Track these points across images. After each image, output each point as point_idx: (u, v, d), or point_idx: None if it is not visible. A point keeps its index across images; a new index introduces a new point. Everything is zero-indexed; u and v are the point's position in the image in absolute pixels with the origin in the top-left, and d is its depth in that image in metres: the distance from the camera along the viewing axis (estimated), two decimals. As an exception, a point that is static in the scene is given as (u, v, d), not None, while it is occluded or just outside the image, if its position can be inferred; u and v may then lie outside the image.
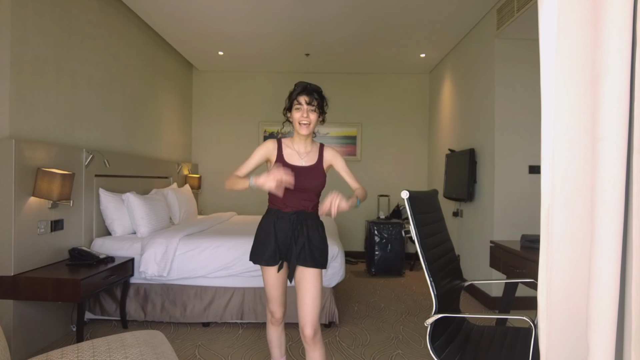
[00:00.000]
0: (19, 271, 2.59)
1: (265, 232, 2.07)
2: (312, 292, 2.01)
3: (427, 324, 1.67)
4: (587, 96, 0.97)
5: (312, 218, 2.09)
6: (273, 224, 2.06)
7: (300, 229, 2.03)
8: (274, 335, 2.24)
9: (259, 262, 2.06)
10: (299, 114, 2.01)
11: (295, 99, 2.01)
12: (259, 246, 2.07)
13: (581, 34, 0.97)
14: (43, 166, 2.74)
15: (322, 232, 2.11)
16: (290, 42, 4.83)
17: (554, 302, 1.01)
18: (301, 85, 2.04)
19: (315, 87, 2.05)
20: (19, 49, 2.65)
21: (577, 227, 0.99)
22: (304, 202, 2.06)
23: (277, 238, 2.03)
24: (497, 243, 2.74)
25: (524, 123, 3.77)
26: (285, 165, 2.02)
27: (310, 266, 2.01)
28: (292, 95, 2.05)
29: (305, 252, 2.01)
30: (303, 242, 2.02)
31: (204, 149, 6.12)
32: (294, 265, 2.02)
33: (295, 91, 2.03)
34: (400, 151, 6.17)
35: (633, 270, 0.90)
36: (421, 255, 1.71)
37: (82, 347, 1.45)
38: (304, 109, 2.00)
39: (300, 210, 2.05)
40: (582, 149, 0.98)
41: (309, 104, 2.00)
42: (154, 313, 3.25)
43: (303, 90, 2.01)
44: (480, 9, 3.88)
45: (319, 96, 2.04)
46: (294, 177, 1.90)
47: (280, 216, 2.06)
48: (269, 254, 2.03)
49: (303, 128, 2.02)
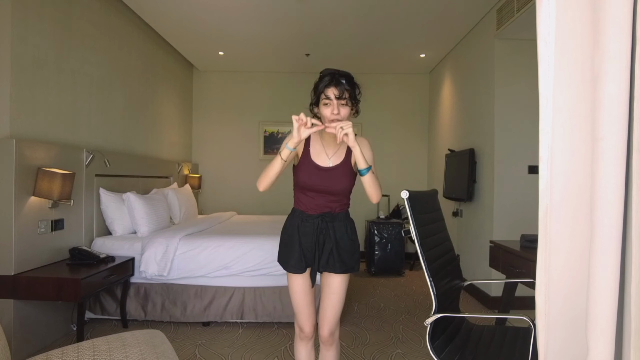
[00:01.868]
0: (20, 271, 2.59)
1: (289, 236, 1.89)
2: (340, 295, 1.88)
3: (427, 323, 1.67)
4: (586, 96, 0.97)
5: (340, 219, 1.88)
6: (297, 227, 1.86)
7: (326, 232, 1.84)
8: (303, 353, 1.96)
9: (286, 268, 1.89)
10: (329, 111, 1.72)
11: (323, 93, 1.73)
12: (284, 249, 1.90)
13: (580, 33, 0.97)
14: (43, 166, 2.74)
15: (352, 233, 1.90)
16: (291, 42, 4.83)
17: (553, 302, 1.01)
18: (328, 74, 1.74)
19: (344, 74, 1.74)
20: (20, 49, 2.65)
21: (575, 227, 0.99)
22: (330, 206, 1.87)
23: (302, 242, 1.85)
24: (496, 243, 2.74)
25: (523, 123, 3.77)
26: (310, 164, 1.84)
27: (340, 272, 1.85)
28: (318, 88, 1.75)
29: (334, 257, 1.83)
30: (331, 247, 1.83)
31: (204, 149, 6.12)
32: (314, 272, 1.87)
33: (322, 83, 1.74)
34: (400, 151, 6.17)
35: (632, 270, 0.90)
36: (421, 255, 1.72)
37: (83, 346, 1.46)
38: (334, 104, 1.71)
39: (326, 213, 1.85)
40: (581, 149, 0.98)
41: (339, 98, 1.71)
42: (154, 312, 3.25)
43: (331, 82, 1.72)
44: (480, 9, 3.88)
45: (349, 85, 1.73)
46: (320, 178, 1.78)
47: (304, 219, 1.86)
48: (295, 259, 1.84)
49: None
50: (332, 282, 1.88)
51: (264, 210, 5.94)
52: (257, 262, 3.23)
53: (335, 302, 1.88)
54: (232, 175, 6.10)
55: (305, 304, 1.90)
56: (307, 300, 1.91)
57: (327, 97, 1.72)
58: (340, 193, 1.87)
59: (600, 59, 0.91)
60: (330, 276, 1.88)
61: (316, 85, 1.78)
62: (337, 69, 1.78)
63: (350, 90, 1.74)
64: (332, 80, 1.72)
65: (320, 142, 1.88)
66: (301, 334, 1.95)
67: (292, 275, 1.89)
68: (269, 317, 3.26)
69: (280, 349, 2.85)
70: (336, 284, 1.88)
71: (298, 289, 1.89)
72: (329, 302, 1.88)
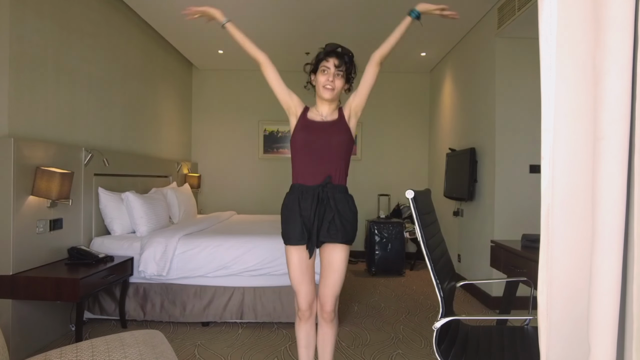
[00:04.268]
0: (18, 270, 2.59)
1: (289, 210, 1.90)
2: (341, 272, 1.89)
3: (436, 327, 1.63)
4: (587, 95, 0.96)
5: (340, 191, 1.91)
6: (297, 200, 1.88)
7: (327, 202, 1.85)
8: (302, 333, 2.00)
9: (287, 242, 1.90)
10: (325, 78, 1.85)
11: (323, 60, 1.85)
12: (285, 225, 1.91)
13: (582, 31, 0.96)
14: (42, 165, 2.73)
15: (353, 206, 1.94)
16: (290, 40, 4.82)
17: (554, 302, 1.00)
18: (332, 45, 1.87)
19: (347, 50, 1.88)
20: (18, 47, 2.64)
21: (577, 226, 0.98)
22: (330, 167, 1.88)
23: (303, 215, 1.86)
24: (497, 243, 2.74)
25: (524, 122, 3.76)
26: (307, 120, 1.91)
27: (342, 242, 1.86)
28: (319, 56, 1.87)
29: (335, 226, 1.84)
30: (332, 215, 1.84)
31: (203, 148, 6.11)
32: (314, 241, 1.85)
33: (325, 51, 1.86)
34: (401, 150, 6.16)
35: (634, 270, 0.90)
36: (427, 257, 1.67)
37: (81, 346, 1.45)
38: (331, 72, 1.84)
39: (327, 182, 1.87)
40: (582, 148, 0.97)
41: (337, 67, 1.84)
42: (153, 312, 3.24)
43: (332, 52, 1.84)
44: (481, 7, 3.86)
45: (349, 60, 1.86)
46: (316, 134, 1.85)
47: (304, 191, 1.88)
48: (298, 231, 1.85)
49: (327, 92, 1.86)
50: (333, 257, 1.88)
51: (263, 210, 5.93)
52: (256, 262, 3.22)
53: (336, 279, 1.89)
54: (231, 174, 6.09)
55: (303, 281, 1.91)
56: (307, 277, 1.92)
57: (326, 65, 1.84)
58: (338, 147, 1.90)
59: (602, 57, 0.90)
60: (331, 250, 1.88)
61: (318, 54, 1.90)
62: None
63: (348, 65, 1.86)
64: (334, 52, 1.85)
65: (315, 111, 1.98)
66: (299, 312, 1.96)
67: (292, 250, 1.89)
68: (268, 317, 3.25)
69: (280, 349, 2.85)
70: (337, 260, 1.88)
71: (297, 265, 1.89)
72: (330, 280, 1.89)
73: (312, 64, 1.92)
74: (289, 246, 1.91)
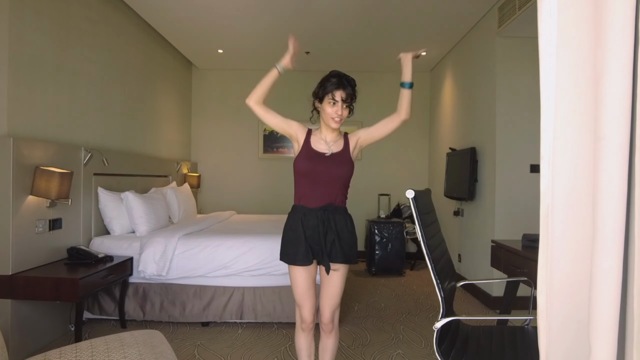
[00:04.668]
0: (17, 270, 2.58)
1: (293, 231, 1.97)
2: (340, 286, 1.99)
3: (436, 327, 1.63)
4: (588, 95, 0.96)
5: (340, 212, 1.99)
6: (300, 221, 1.95)
7: (328, 224, 1.93)
8: (304, 343, 2.07)
9: (293, 262, 1.96)
10: (333, 110, 1.93)
11: (331, 93, 1.92)
12: (289, 245, 1.97)
13: (582, 31, 0.96)
14: (41, 165, 2.73)
15: (351, 227, 2.02)
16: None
17: (554, 302, 1.00)
18: (337, 77, 1.93)
19: (351, 80, 1.96)
20: (17, 47, 2.64)
21: (577, 226, 0.98)
22: (331, 194, 1.96)
23: (307, 235, 1.94)
24: (498, 242, 2.73)
25: (525, 122, 3.75)
26: (311, 150, 1.98)
27: (341, 262, 1.95)
28: (326, 86, 1.94)
29: (335, 248, 1.93)
30: (333, 237, 1.93)
31: (203, 148, 6.11)
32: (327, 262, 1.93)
33: (331, 83, 1.93)
34: (401, 150, 6.15)
35: (635, 270, 0.89)
36: (427, 257, 1.67)
37: (81, 347, 1.44)
38: (339, 105, 1.93)
39: (328, 205, 1.95)
40: (582, 147, 0.97)
41: (344, 101, 1.93)
42: (152, 312, 3.24)
43: (339, 85, 1.92)
44: (482, 6, 3.86)
45: (353, 91, 1.96)
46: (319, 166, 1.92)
47: (306, 212, 1.95)
48: (302, 253, 1.93)
49: (334, 123, 1.95)
50: (333, 273, 1.97)
51: (263, 210, 5.92)
52: (256, 262, 3.21)
53: (335, 293, 1.99)
54: (231, 174, 6.09)
55: (308, 296, 2.00)
56: (311, 292, 2.01)
57: (334, 98, 1.92)
58: (340, 179, 1.99)
59: (602, 56, 0.89)
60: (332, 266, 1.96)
61: (324, 83, 1.96)
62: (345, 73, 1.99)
63: (352, 95, 1.95)
64: (341, 85, 1.92)
65: (319, 135, 2.04)
66: (303, 324, 2.03)
67: (297, 269, 1.97)
68: (268, 317, 3.24)
69: (280, 349, 2.84)
70: (337, 276, 1.97)
71: (303, 283, 1.98)
72: (329, 293, 1.99)
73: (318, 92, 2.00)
74: (293, 266, 1.98)
